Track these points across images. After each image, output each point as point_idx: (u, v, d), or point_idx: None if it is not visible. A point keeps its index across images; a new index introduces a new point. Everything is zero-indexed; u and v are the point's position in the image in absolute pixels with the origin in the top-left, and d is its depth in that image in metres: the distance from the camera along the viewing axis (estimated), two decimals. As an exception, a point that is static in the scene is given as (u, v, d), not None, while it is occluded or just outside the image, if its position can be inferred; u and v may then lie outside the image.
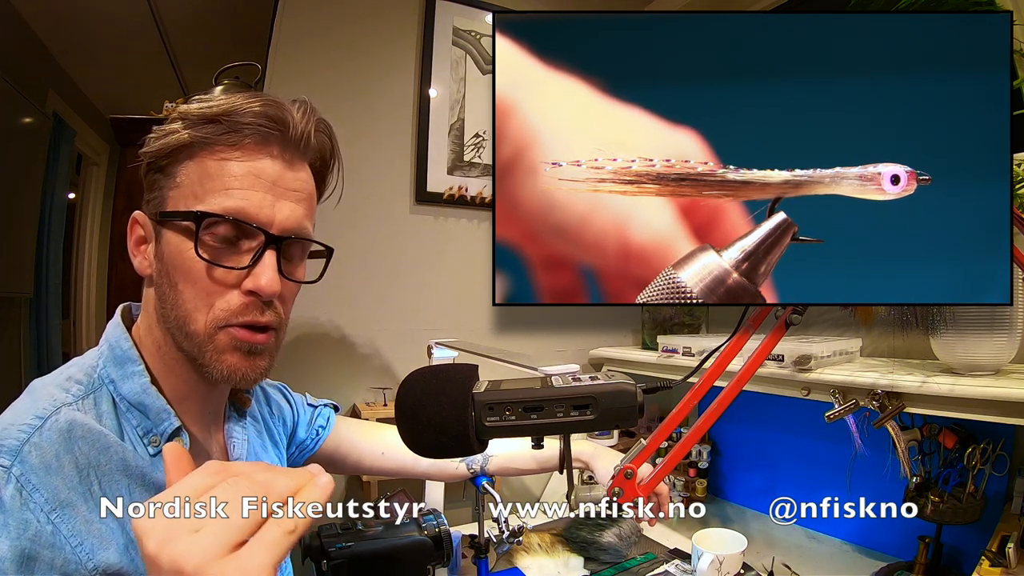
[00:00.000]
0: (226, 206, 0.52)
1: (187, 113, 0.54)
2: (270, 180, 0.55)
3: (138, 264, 0.57)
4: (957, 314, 0.87)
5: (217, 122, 0.53)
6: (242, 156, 0.54)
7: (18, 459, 0.46)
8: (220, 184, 0.53)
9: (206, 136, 0.53)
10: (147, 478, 0.53)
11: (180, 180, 0.54)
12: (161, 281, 0.55)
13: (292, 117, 0.56)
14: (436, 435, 0.49)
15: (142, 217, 0.57)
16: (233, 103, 0.54)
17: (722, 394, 0.60)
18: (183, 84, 2.60)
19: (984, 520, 0.94)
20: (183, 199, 0.54)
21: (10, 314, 2.32)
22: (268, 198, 0.54)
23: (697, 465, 1.51)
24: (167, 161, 0.54)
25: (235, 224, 0.53)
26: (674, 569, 1.13)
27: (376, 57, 1.39)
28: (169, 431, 0.56)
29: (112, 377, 0.55)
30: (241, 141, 0.54)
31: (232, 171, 0.53)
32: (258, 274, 0.54)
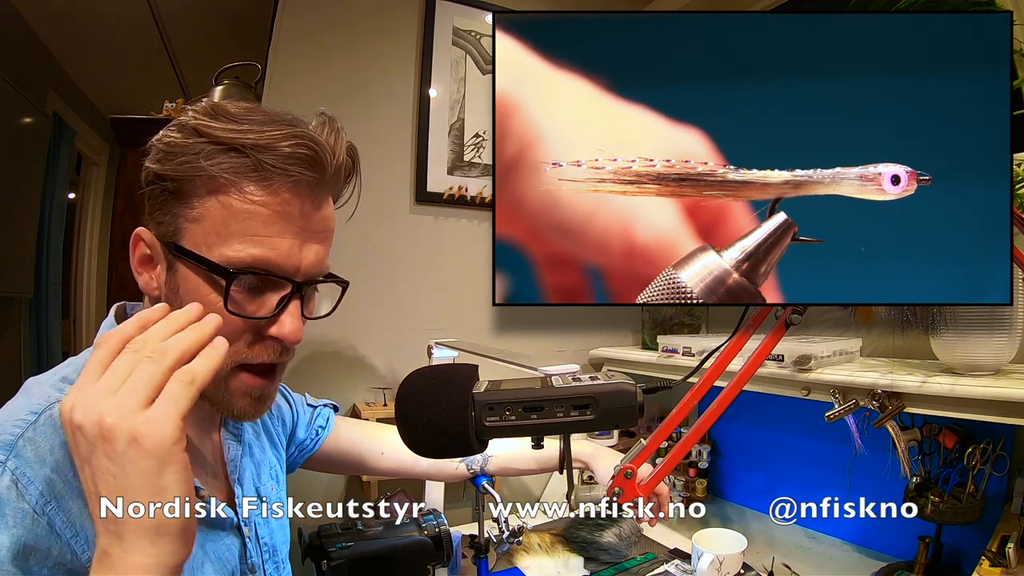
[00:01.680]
0: (254, 255, 0.50)
1: (206, 132, 0.50)
2: (298, 225, 0.52)
3: (144, 284, 0.55)
4: (957, 314, 0.87)
5: (244, 154, 0.49)
6: (271, 200, 0.50)
7: (13, 453, 0.46)
8: (246, 229, 0.50)
9: (232, 173, 0.49)
10: None
11: (199, 214, 0.50)
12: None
13: (328, 157, 0.52)
14: (436, 435, 0.49)
15: (148, 237, 0.53)
16: (264, 135, 0.49)
17: (722, 394, 0.60)
18: (183, 84, 2.60)
19: (984, 520, 0.94)
20: (203, 237, 0.50)
21: (10, 314, 2.32)
22: (296, 244, 0.52)
23: (697, 465, 1.51)
24: (184, 187, 0.50)
25: (263, 276, 0.51)
26: (674, 569, 1.13)
27: (376, 57, 1.39)
28: None
29: None
30: (272, 184, 0.50)
31: (260, 215, 0.50)
32: (283, 322, 0.53)
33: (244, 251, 0.50)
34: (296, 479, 0.85)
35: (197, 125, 0.50)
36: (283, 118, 0.52)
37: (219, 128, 0.50)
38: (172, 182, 0.50)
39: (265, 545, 0.65)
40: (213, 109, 0.52)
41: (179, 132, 0.51)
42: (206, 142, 0.49)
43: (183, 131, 0.51)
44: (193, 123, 0.50)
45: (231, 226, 0.50)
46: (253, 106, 0.53)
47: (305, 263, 0.53)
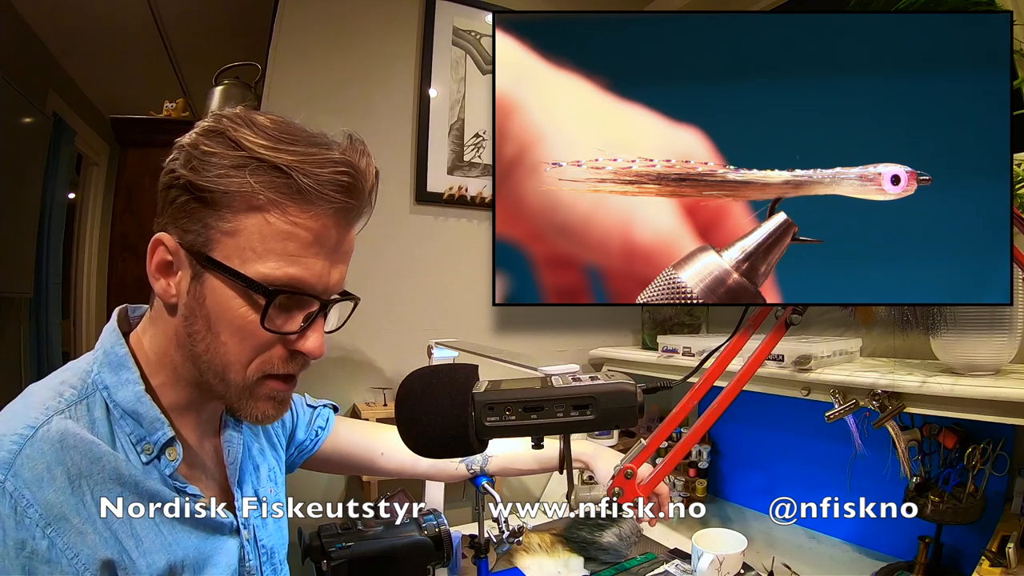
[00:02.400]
0: (291, 275, 0.51)
1: (252, 150, 0.50)
2: (331, 247, 0.54)
3: (161, 290, 0.54)
4: (957, 314, 0.86)
5: (288, 176, 0.50)
6: (311, 223, 0.51)
7: (11, 472, 0.46)
8: (284, 249, 0.51)
9: (277, 194, 0.50)
10: (140, 486, 0.52)
11: (235, 228, 0.50)
12: (195, 320, 0.53)
13: (364, 184, 0.54)
14: (436, 435, 0.49)
15: (171, 243, 0.53)
16: (310, 158, 0.50)
17: (722, 394, 0.60)
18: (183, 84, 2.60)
19: (984, 520, 0.94)
20: (238, 251, 0.51)
21: (10, 314, 2.32)
22: (327, 266, 0.54)
23: (697, 465, 1.51)
24: (222, 200, 0.50)
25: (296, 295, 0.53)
26: (674, 569, 1.13)
27: (376, 57, 1.39)
28: (163, 441, 0.55)
29: (106, 383, 0.54)
30: (314, 209, 0.51)
31: (299, 237, 0.51)
32: (309, 338, 0.55)
33: (281, 270, 0.51)
34: (296, 479, 0.85)
35: (236, 137, 0.50)
36: (319, 140, 0.53)
37: (259, 144, 0.50)
38: (207, 192, 0.50)
39: (263, 547, 0.65)
40: (249, 120, 0.52)
41: (214, 141, 0.51)
42: (247, 156, 0.50)
43: (219, 140, 0.51)
44: (231, 134, 0.50)
45: (269, 244, 0.51)
46: (283, 121, 0.54)
47: (332, 282, 0.55)
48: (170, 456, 0.55)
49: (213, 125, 0.52)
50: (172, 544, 0.54)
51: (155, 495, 0.53)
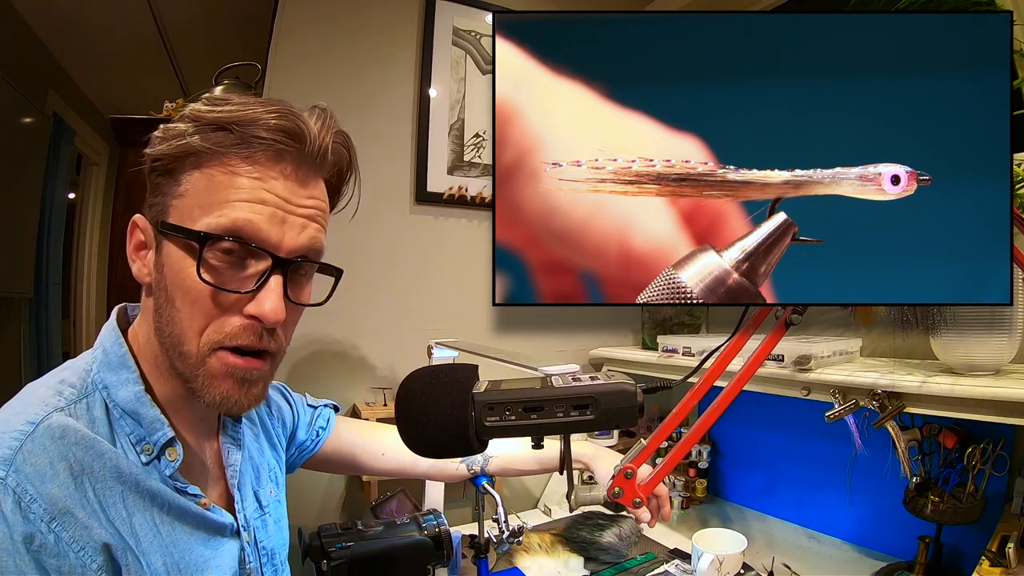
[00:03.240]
0: (233, 218, 0.50)
1: (198, 116, 0.52)
2: (281, 198, 0.52)
3: (137, 270, 0.55)
4: (957, 314, 0.87)
5: (228, 130, 0.51)
6: (253, 170, 0.51)
7: (12, 468, 0.45)
8: (226, 197, 0.50)
9: (216, 145, 0.50)
10: (140, 486, 0.52)
11: (185, 189, 0.51)
12: (159, 294, 0.53)
13: (310, 131, 0.53)
14: (436, 435, 0.49)
15: (143, 222, 0.54)
16: (248, 111, 0.51)
17: (722, 394, 0.60)
18: (183, 84, 2.60)
19: (984, 520, 0.94)
20: (187, 210, 0.51)
21: (10, 314, 2.32)
22: (277, 216, 0.52)
23: (697, 465, 1.51)
24: (173, 165, 0.52)
25: (241, 244, 0.51)
26: (674, 569, 1.13)
27: (376, 57, 1.39)
28: (163, 441, 0.54)
29: (106, 383, 0.54)
30: (253, 154, 0.51)
31: (240, 184, 0.51)
32: (262, 299, 0.51)
33: (224, 216, 0.50)
34: (296, 479, 0.85)
35: (191, 111, 0.52)
36: (266, 99, 0.54)
37: (210, 111, 0.52)
38: (160, 162, 0.52)
39: (264, 549, 0.65)
40: (209, 98, 0.53)
41: (176, 121, 0.53)
42: (197, 125, 0.51)
43: (180, 119, 0.53)
44: (188, 111, 0.53)
45: (212, 196, 0.50)
46: (252, 97, 0.55)
47: (288, 237, 0.52)
48: (170, 456, 0.55)
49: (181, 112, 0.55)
50: (172, 545, 0.53)
51: (155, 494, 0.53)
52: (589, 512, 1.26)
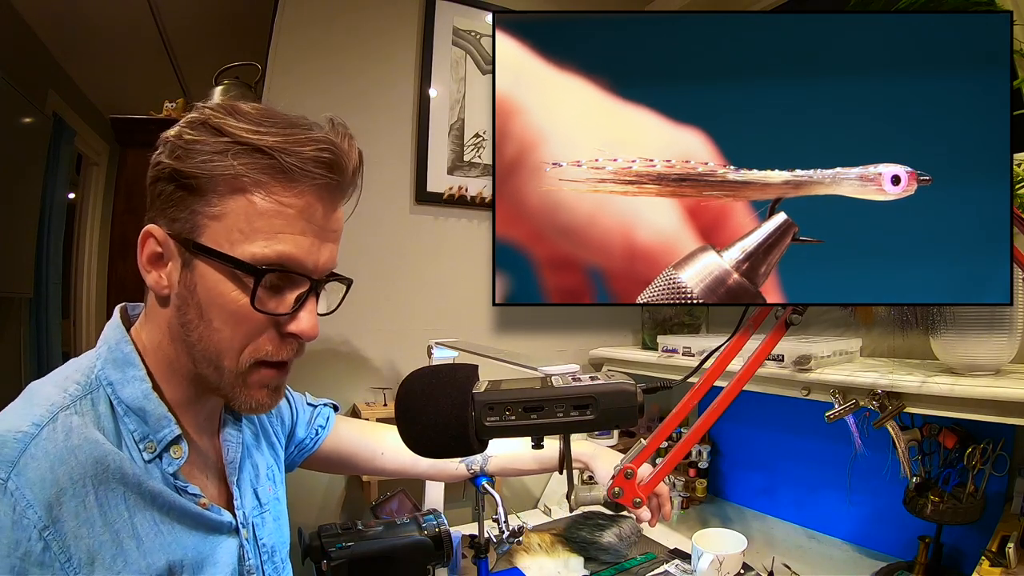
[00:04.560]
0: (279, 251, 0.52)
1: (237, 136, 0.50)
2: (318, 225, 0.54)
3: (153, 282, 0.54)
4: (957, 314, 0.87)
5: (273, 157, 0.51)
6: (298, 203, 0.52)
7: (14, 471, 0.45)
8: (271, 227, 0.51)
9: (260, 173, 0.51)
10: (143, 487, 0.52)
11: (222, 211, 0.51)
12: (187, 309, 0.53)
13: (350, 164, 0.55)
14: (436, 435, 0.49)
15: (160, 233, 0.53)
16: (292, 138, 0.51)
17: (722, 394, 0.60)
18: (183, 84, 2.60)
19: (984, 520, 0.94)
20: (226, 234, 0.51)
21: (10, 314, 2.32)
22: (316, 243, 0.54)
23: (697, 465, 1.51)
24: (205, 184, 0.51)
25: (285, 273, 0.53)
26: (674, 569, 1.13)
27: (376, 57, 1.39)
28: (169, 439, 0.55)
29: (111, 380, 0.54)
30: (299, 187, 0.52)
31: (285, 214, 0.52)
32: (302, 320, 0.55)
33: (269, 247, 0.51)
34: (296, 479, 0.85)
35: (219, 124, 0.51)
36: (300, 122, 0.54)
37: (241, 128, 0.51)
38: (192, 179, 0.51)
39: (263, 546, 0.65)
40: (232, 109, 0.52)
41: (197, 130, 0.51)
42: (229, 141, 0.50)
43: (202, 129, 0.51)
44: (213, 121, 0.51)
45: (255, 223, 0.51)
46: (266, 108, 0.55)
47: (322, 260, 0.55)
48: (175, 454, 0.55)
49: (196, 116, 0.53)
50: (172, 544, 0.54)
51: (156, 495, 0.53)
52: (589, 512, 1.26)
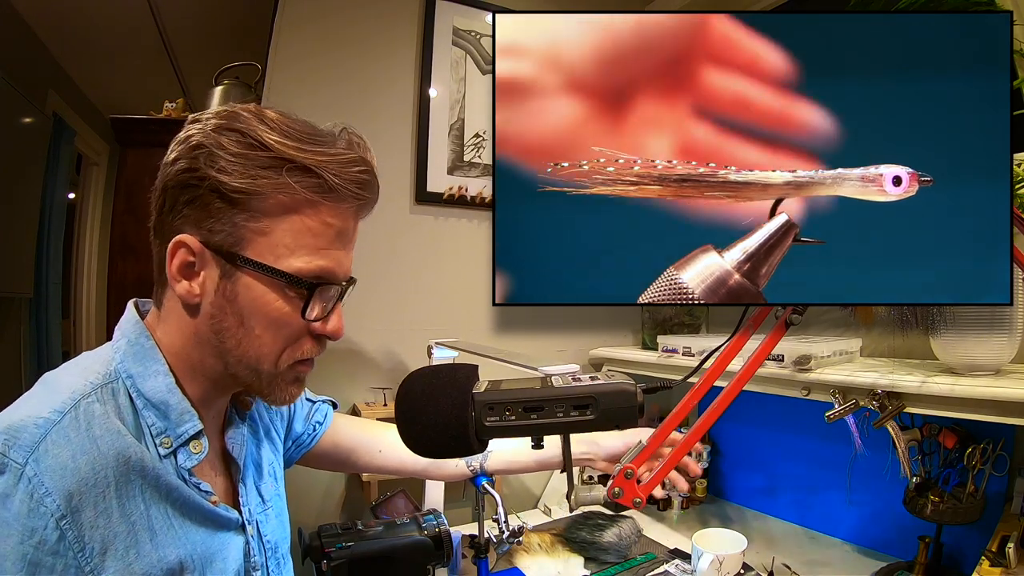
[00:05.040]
0: (320, 266, 0.55)
1: (281, 151, 0.52)
2: (349, 238, 0.59)
3: (183, 291, 0.54)
4: (957, 314, 0.87)
5: (318, 176, 0.53)
6: (339, 222, 0.56)
7: (33, 457, 0.45)
8: (314, 244, 0.55)
9: (311, 193, 0.53)
10: (160, 480, 0.52)
11: (269, 227, 0.53)
12: (224, 317, 0.55)
13: (378, 182, 0.59)
14: (436, 435, 0.49)
15: (195, 244, 0.53)
16: (334, 158, 0.54)
17: (722, 394, 0.60)
18: (183, 84, 2.60)
19: (984, 520, 0.94)
20: (271, 249, 0.53)
21: (10, 314, 2.32)
22: (345, 255, 0.58)
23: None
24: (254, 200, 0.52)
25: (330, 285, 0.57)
26: (674, 569, 1.13)
27: (376, 57, 1.40)
28: (191, 433, 0.56)
29: (131, 372, 0.54)
30: (342, 205, 0.56)
31: (328, 233, 0.55)
32: (334, 322, 0.59)
33: (313, 263, 0.55)
34: (296, 479, 0.85)
35: (258, 136, 0.52)
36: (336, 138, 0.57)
37: (287, 145, 0.52)
38: (240, 193, 0.52)
39: (268, 543, 0.66)
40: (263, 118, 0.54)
41: (237, 141, 0.52)
42: (275, 157, 0.52)
43: (242, 140, 0.52)
44: (256, 135, 0.52)
45: (301, 240, 0.54)
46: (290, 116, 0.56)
47: (349, 270, 0.60)
48: (194, 449, 0.56)
49: (229, 124, 0.53)
50: (183, 539, 0.54)
51: (172, 489, 0.54)
52: (589, 512, 1.26)
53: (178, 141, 0.54)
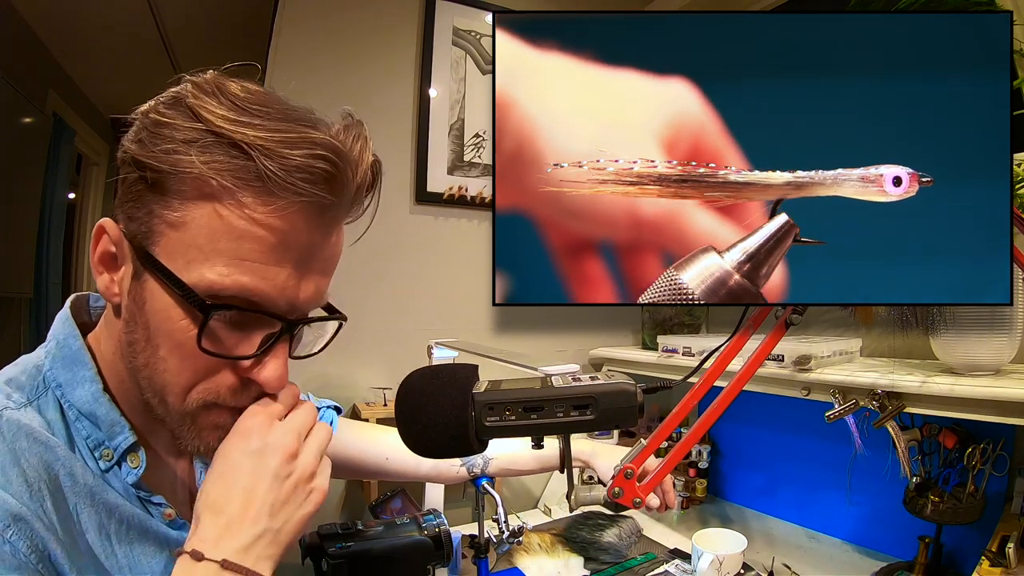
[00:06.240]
0: (242, 284, 0.41)
1: (210, 120, 0.40)
2: (301, 255, 0.44)
3: (103, 285, 0.45)
4: (957, 314, 0.87)
5: (248, 156, 0.39)
6: (274, 221, 0.41)
7: None
8: (236, 251, 0.41)
9: (233, 179, 0.40)
10: (96, 497, 0.45)
11: (181, 219, 0.41)
12: (135, 327, 0.44)
13: (349, 175, 0.43)
14: (436, 435, 0.49)
15: (115, 231, 0.44)
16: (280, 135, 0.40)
17: (722, 394, 0.60)
18: (183, 84, 2.59)
19: (984, 520, 0.94)
20: (182, 248, 0.41)
21: (10, 314, 2.32)
22: (294, 276, 0.43)
23: (697, 465, 1.51)
24: (166, 182, 0.41)
25: (247, 312, 0.43)
26: (674, 569, 1.13)
27: (376, 57, 1.39)
28: (124, 447, 0.47)
29: (59, 380, 0.47)
30: (277, 202, 0.41)
31: (257, 237, 0.41)
32: (267, 367, 0.45)
33: (230, 277, 0.41)
34: (296, 479, 0.85)
35: (195, 105, 0.41)
36: (303, 116, 0.43)
37: (222, 116, 0.40)
38: (154, 171, 0.41)
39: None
40: (218, 87, 0.42)
41: (173, 111, 0.42)
42: (203, 129, 0.40)
43: (177, 109, 0.42)
44: (191, 101, 0.41)
45: (219, 242, 0.41)
46: (265, 92, 0.44)
47: (302, 298, 0.45)
48: (132, 463, 0.48)
49: (175, 92, 0.43)
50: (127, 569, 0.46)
51: (112, 509, 0.46)
52: (589, 512, 1.26)
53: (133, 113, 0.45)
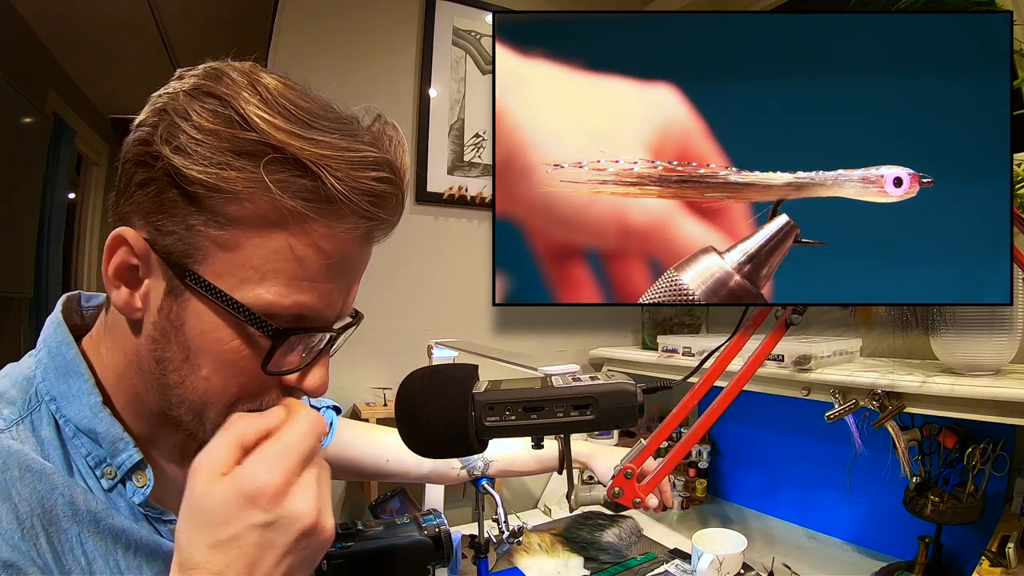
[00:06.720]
0: (299, 303, 0.40)
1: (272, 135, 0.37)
2: (351, 269, 0.44)
3: (120, 301, 0.41)
4: (957, 314, 0.87)
5: (315, 177, 0.37)
6: (334, 246, 0.40)
7: None
8: (295, 271, 0.40)
9: (301, 204, 0.38)
10: (101, 523, 0.42)
11: (234, 239, 0.39)
12: (167, 346, 0.41)
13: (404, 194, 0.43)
14: (436, 435, 0.48)
15: (139, 244, 0.40)
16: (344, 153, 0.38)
17: (722, 394, 0.60)
18: (183, 84, 2.59)
19: (984, 520, 0.94)
20: (234, 268, 0.39)
21: (10, 314, 2.32)
22: (343, 290, 0.44)
23: (697, 465, 1.51)
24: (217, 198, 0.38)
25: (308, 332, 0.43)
26: (674, 569, 1.13)
27: (376, 57, 1.39)
28: (128, 465, 0.44)
29: (53, 393, 0.44)
30: (343, 224, 0.40)
31: (317, 259, 0.40)
32: (314, 376, 0.45)
33: (290, 298, 0.40)
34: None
35: (245, 111, 0.37)
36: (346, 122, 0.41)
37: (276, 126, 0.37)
38: (201, 187, 0.37)
39: None
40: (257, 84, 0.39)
41: (212, 112, 0.38)
42: (258, 141, 0.37)
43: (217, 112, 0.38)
44: (237, 104, 0.37)
45: (278, 263, 0.39)
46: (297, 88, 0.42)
47: (345, 308, 0.46)
48: (138, 482, 0.45)
49: (209, 86, 0.39)
50: None
51: (119, 533, 0.43)
52: (589, 512, 1.26)
53: (150, 101, 0.41)
